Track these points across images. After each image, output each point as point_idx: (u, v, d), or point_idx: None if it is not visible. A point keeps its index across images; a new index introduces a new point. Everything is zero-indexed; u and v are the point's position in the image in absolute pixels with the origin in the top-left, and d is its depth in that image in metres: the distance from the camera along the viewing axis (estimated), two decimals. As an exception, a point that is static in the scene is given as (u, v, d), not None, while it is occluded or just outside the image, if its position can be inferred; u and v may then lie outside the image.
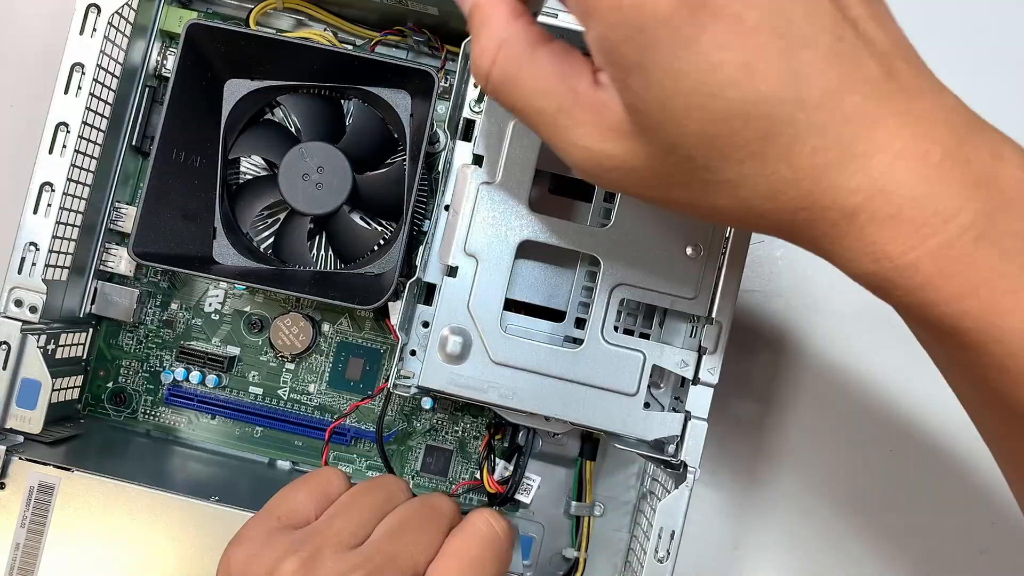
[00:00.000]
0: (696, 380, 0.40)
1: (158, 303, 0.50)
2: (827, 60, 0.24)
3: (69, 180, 0.42)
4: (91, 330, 0.48)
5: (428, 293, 0.41)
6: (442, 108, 0.48)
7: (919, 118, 0.25)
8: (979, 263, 0.25)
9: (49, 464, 0.41)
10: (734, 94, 0.24)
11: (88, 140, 0.43)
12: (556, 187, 0.43)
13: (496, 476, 0.47)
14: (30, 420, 0.42)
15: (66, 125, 0.42)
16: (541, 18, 0.39)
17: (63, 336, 0.45)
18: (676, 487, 0.40)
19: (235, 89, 0.47)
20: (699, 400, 0.40)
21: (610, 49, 0.25)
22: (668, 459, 0.40)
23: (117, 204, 0.47)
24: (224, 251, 0.47)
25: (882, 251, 0.25)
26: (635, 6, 0.23)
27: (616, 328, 0.40)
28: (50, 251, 0.42)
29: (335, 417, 0.49)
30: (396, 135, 0.48)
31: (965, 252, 0.25)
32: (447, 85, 0.48)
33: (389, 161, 0.49)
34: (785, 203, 0.26)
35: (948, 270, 0.25)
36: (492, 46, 0.28)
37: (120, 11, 0.42)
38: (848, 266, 0.27)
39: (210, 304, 0.50)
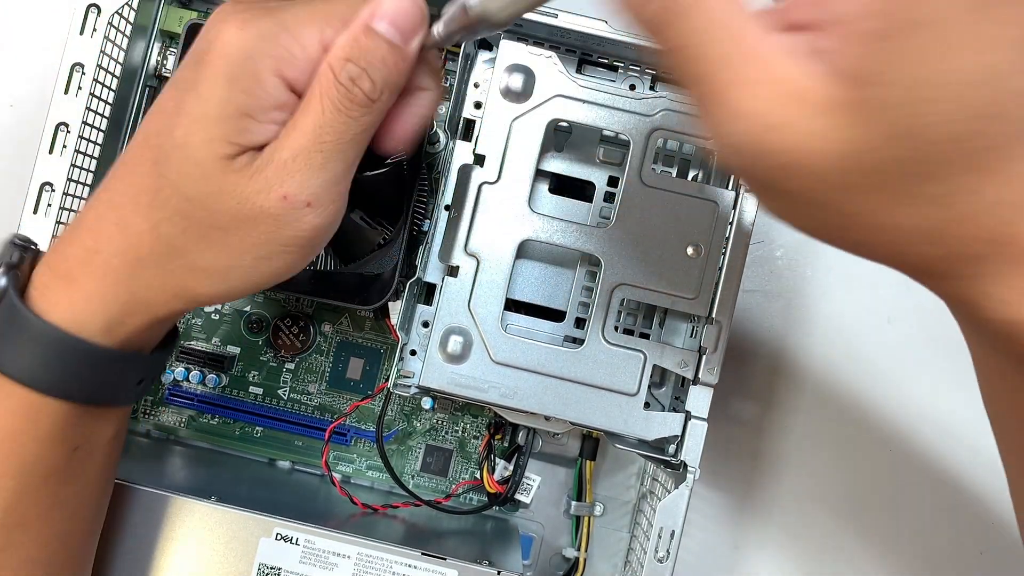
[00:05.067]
0: (696, 380, 0.40)
1: (158, 303, 0.50)
2: None
3: (69, 180, 0.42)
4: (91, 330, 0.48)
5: (428, 293, 0.41)
6: (442, 108, 0.48)
7: None
8: None
9: (49, 464, 0.40)
10: (983, 93, 0.19)
11: (88, 140, 0.43)
12: (556, 187, 0.43)
13: (496, 476, 0.47)
14: (30, 420, 0.42)
15: (66, 125, 0.42)
16: (537, 17, 0.39)
17: (63, 336, 0.45)
18: (676, 487, 0.40)
19: (235, 89, 0.47)
20: (699, 400, 0.40)
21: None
22: (668, 459, 0.40)
23: (117, 204, 0.47)
24: (224, 251, 0.47)
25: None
26: None
27: (616, 328, 0.40)
28: (50, 251, 0.42)
29: (335, 417, 0.49)
30: (396, 135, 0.48)
31: None
32: (447, 85, 0.48)
33: (389, 161, 0.49)
34: (968, 234, 0.21)
35: None
36: None
37: (120, 11, 0.42)
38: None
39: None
